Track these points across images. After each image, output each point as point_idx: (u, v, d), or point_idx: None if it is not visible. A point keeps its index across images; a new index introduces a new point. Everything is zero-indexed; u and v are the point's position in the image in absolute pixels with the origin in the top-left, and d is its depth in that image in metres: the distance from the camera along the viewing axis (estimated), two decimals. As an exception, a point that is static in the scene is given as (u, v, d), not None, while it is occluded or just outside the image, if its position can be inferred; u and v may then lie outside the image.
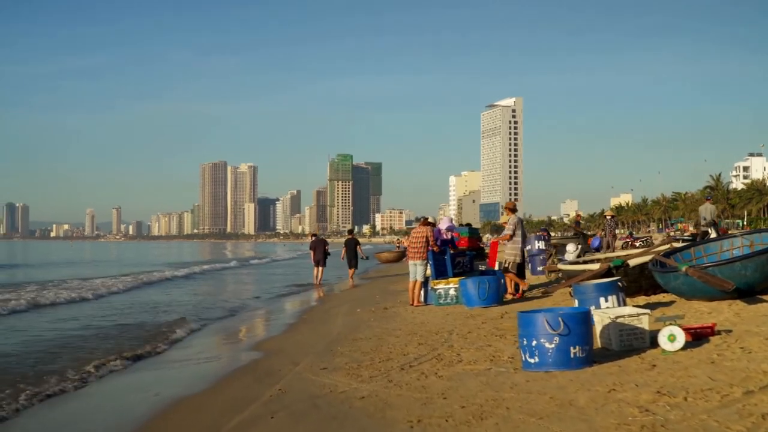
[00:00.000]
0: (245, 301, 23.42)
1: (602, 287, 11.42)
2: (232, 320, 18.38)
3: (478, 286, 15.40)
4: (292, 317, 18.40)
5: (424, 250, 17.05)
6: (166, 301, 23.54)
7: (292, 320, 17.52)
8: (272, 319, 18.47)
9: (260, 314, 19.86)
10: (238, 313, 19.92)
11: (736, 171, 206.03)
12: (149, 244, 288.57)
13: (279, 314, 19.52)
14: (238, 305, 21.89)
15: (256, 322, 18.31)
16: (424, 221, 17.55)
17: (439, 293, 16.69)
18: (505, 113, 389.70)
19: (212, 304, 22.25)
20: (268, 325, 17.49)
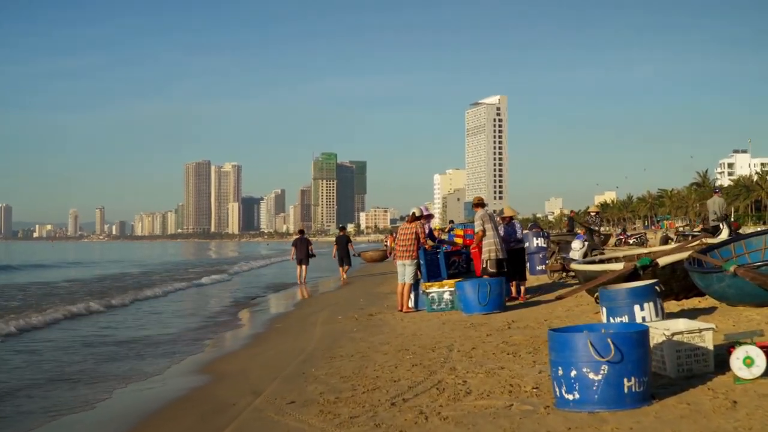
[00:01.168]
0: (214, 306, 21.17)
1: (637, 293, 9.31)
2: (190, 331, 16.11)
3: (478, 289, 13.29)
4: (262, 325, 16.20)
5: (413, 248, 15.01)
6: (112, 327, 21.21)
7: (261, 329, 15.33)
8: (238, 328, 16.25)
9: (225, 321, 17.56)
10: (201, 319, 17.67)
11: (720, 168, 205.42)
12: (132, 245, 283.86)
13: (248, 321, 17.25)
14: (205, 311, 19.62)
15: (218, 332, 15.87)
16: (412, 216, 15.48)
17: (432, 298, 14.57)
18: (489, 111, 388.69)
19: (175, 313, 19.98)
20: (232, 336, 15.12)
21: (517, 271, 15.78)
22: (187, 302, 23.38)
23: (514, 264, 15.66)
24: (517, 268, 15.80)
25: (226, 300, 23.12)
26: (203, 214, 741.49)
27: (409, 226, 15.20)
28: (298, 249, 28.57)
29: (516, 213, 16.54)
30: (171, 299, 24.38)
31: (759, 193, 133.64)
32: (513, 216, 16.35)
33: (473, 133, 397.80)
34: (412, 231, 15.06)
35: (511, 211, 16.45)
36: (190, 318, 18.16)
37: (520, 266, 15.93)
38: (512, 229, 15.97)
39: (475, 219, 15.00)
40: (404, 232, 15.25)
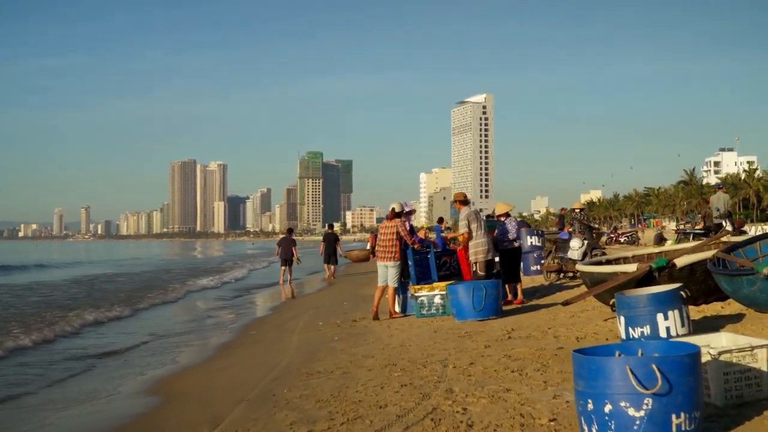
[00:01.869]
0: (185, 311, 19.83)
1: (661, 299, 8.04)
2: (154, 340, 14.78)
3: (472, 293, 12.02)
4: (233, 333, 14.87)
5: (396, 248, 13.72)
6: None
7: (231, 337, 14.00)
8: (206, 335, 14.91)
9: (193, 328, 16.26)
10: (169, 325, 16.32)
11: (707, 166, 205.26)
12: (117, 244, 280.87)
13: (218, 327, 15.88)
14: (176, 316, 18.29)
15: (181, 340, 14.51)
16: (392, 213, 14.14)
17: (422, 302, 13.31)
18: (475, 110, 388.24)
19: (140, 318, 18.63)
20: (199, 347, 13.59)
21: (511, 273, 14.65)
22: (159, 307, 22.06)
23: (508, 265, 14.48)
24: (511, 269, 14.64)
25: (202, 303, 21.77)
26: (189, 213, 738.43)
27: (390, 224, 13.88)
28: (283, 249, 27.86)
29: (512, 207, 15.27)
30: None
31: (747, 191, 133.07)
32: (509, 212, 15.12)
33: (459, 132, 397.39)
34: (392, 230, 13.77)
35: (506, 206, 15.18)
36: (156, 324, 16.77)
37: (514, 268, 14.72)
38: (505, 227, 14.72)
39: (460, 219, 13.83)
40: (385, 231, 13.90)
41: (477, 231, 13.75)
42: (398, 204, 14.19)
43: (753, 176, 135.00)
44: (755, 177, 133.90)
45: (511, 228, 14.83)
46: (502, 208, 15.06)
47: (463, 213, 13.84)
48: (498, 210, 15.14)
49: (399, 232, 13.66)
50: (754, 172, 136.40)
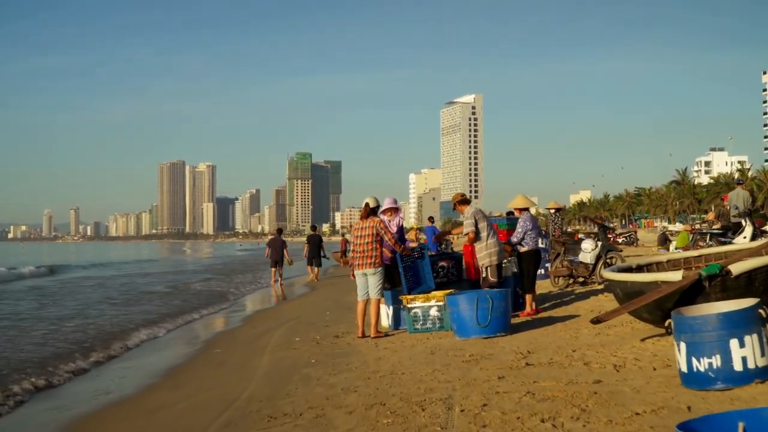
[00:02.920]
0: (150, 313, 17.68)
1: (735, 321, 6.09)
2: (92, 350, 12.68)
3: (477, 305, 10.06)
4: (192, 348, 12.76)
5: (376, 252, 11.48)
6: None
7: (189, 356, 11.81)
8: (159, 351, 12.77)
9: (148, 340, 14.13)
10: (118, 332, 14.21)
11: (697, 166, 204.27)
12: (107, 245, 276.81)
13: (176, 341, 13.75)
14: (127, 321, 16.14)
15: (130, 357, 12.35)
16: (366, 210, 11.77)
17: (415, 314, 11.33)
18: (464, 110, 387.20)
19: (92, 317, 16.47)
20: (145, 368, 11.26)
21: (529, 278, 12.84)
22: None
23: (527, 270, 12.75)
24: (530, 274, 12.86)
25: (171, 305, 19.67)
26: (178, 214, 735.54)
27: (365, 224, 11.57)
28: (273, 249, 27.17)
29: (531, 203, 13.42)
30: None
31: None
32: (528, 207, 13.28)
33: (448, 132, 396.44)
34: (369, 231, 11.52)
35: (525, 201, 13.33)
36: (103, 327, 14.63)
37: (533, 273, 12.93)
38: (531, 224, 12.99)
39: (465, 218, 11.91)
40: (360, 233, 11.56)
41: (486, 231, 11.88)
42: (372, 198, 11.92)
43: (746, 175, 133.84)
44: (748, 176, 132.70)
45: (520, 226, 12.97)
46: (523, 202, 13.21)
47: (468, 211, 11.98)
48: (513, 203, 13.27)
49: (378, 233, 11.46)
50: (748, 171, 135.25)
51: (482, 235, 11.84)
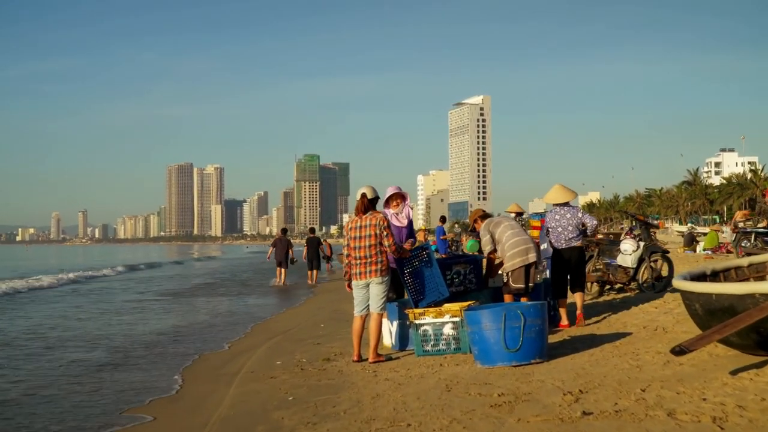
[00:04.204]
0: (124, 325, 15.35)
1: None
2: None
3: (504, 322, 7.77)
4: (147, 374, 10.04)
5: (380, 256, 8.98)
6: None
7: (140, 386, 9.03)
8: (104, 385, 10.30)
9: (101, 365, 11.68)
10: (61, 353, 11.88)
11: (707, 167, 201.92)
12: (115, 248, 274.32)
13: (138, 360, 11.24)
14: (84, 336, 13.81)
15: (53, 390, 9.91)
16: (363, 203, 9.14)
17: (425, 332, 9.04)
18: (473, 111, 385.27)
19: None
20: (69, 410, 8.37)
21: (574, 282, 10.98)
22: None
23: (570, 273, 10.95)
24: (573, 277, 11.01)
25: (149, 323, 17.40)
26: (186, 216, 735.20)
27: (366, 221, 9.01)
28: (277, 249, 27.41)
29: (570, 194, 11.25)
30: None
31: (753, 190, 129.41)
32: (569, 202, 11.25)
33: (456, 134, 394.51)
34: (371, 230, 8.98)
35: (565, 192, 11.25)
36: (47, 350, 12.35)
37: (578, 274, 11.03)
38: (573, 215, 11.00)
39: (481, 236, 10.10)
40: (359, 233, 9.01)
41: (507, 231, 9.81)
42: (368, 188, 9.22)
43: (759, 176, 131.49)
44: (761, 177, 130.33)
45: (575, 215, 11.06)
46: (558, 195, 11.09)
47: (482, 230, 10.16)
48: (550, 197, 11.14)
49: (380, 232, 8.92)
50: (761, 172, 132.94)
51: (499, 238, 9.87)
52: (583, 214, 11.11)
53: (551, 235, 11.00)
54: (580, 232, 11.03)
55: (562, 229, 10.91)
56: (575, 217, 10.97)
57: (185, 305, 20.50)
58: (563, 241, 10.92)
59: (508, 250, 9.71)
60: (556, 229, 10.96)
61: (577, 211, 11.07)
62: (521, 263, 9.68)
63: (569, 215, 10.96)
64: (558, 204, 11.11)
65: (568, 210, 11.03)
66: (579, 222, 10.98)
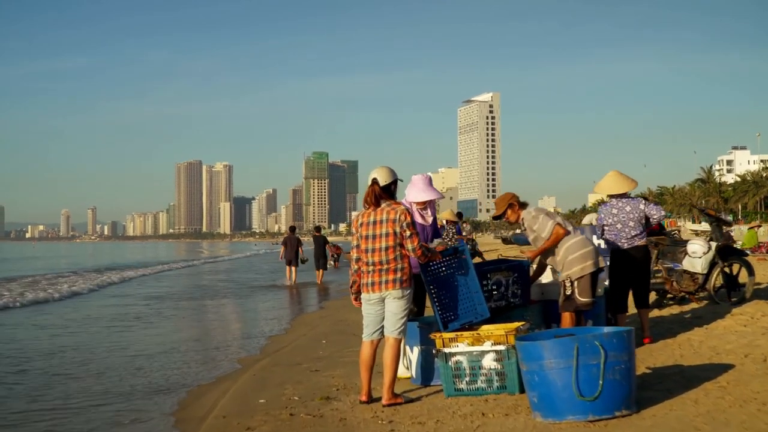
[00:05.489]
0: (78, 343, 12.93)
1: None
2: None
3: (576, 358, 5.43)
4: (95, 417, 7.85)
5: (400, 262, 6.65)
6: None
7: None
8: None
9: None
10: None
11: (719, 165, 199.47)
12: (124, 245, 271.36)
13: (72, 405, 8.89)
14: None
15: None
16: (374, 191, 6.79)
17: (458, 365, 6.68)
18: (482, 109, 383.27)
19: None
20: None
21: (638, 294, 8.88)
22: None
23: (632, 280, 8.81)
24: (637, 288, 8.90)
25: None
26: (195, 213, 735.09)
27: (381, 215, 6.68)
28: (287, 249, 26.57)
29: (627, 184, 9.01)
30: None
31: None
32: (627, 193, 9.09)
33: (466, 131, 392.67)
34: (388, 226, 6.61)
35: (622, 180, 9.02)
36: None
37: (642, 282, 8.92)
38: (634, 207, 8.93)
39: (527, 221, 7.63)
40: (370, 231, 6.68)
41: (567, 227, 7.64)
42: (383, 171, 6.87)
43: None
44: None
45: (603, 214, 9.04)
46: (615, 183, 8.83)
47: (530, 214, 7.69)
48: (605, 187, 8.86)
49: (401, 230, 6.58)
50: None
51: (574, 238, 7.61)
52: (647, 205, 8.96)
53: (608, 233, 8.80)
54: (643, 228, 8.84)
55: (622, 225, 8.78)
56: (636, 209, 8.85)
57: (180, 312, 18.08)
58: (624, 240, 8.77)
59: (573, 250, 7.37)
60: (615, 225, 8.81)
61: (638, 202, 8.97)
62: (591, 268, 7.37)
63: (629, 208, 8.85)
64: (614, 195, 8.93)
65: (627, 202, 8.91)
66: (642, 215, 8.82)
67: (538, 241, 7.59)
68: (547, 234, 7.44)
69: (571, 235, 7.47)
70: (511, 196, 7.77)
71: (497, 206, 7.80)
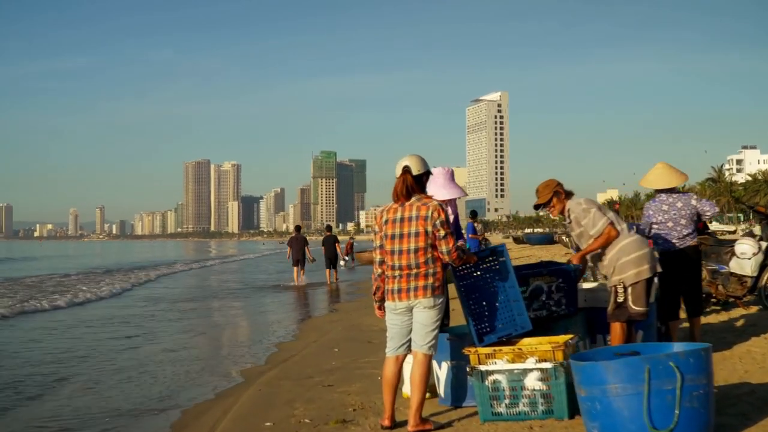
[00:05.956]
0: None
1: None
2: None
3: (647, 383, 4.48)
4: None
5: (433, 266, 5.64)
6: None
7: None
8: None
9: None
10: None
11: (729, 164, 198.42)
12: (132, 244, 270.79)
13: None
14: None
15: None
16: (406, 182, 5.81)
17: (496, 384, 5.75)
18: (490, 108, 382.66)
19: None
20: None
21: (691, 301, 7.98)
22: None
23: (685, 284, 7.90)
24: (690, 294, 8.00)
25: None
26: (203, 213, 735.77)
27: (409, 213, 5.69)
28: (293, 249, 26.09)
29: (685, 178, 8.14)
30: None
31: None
32: (676, 187, 8.16)
33: (474, 131, 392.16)
34: (418, 223, 5.64)
35: (674, 174, 8.11)
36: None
37: (694, 286, 8.04)
38: (685, 203, 8.04)
39: (583, 210, 6.57)
40: (397, 229, 5.70)
41: (621, 223, 6.64)
42: (414, 159, 5.99)
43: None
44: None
45: (651, 211, 8.12)
46: (664, 177, 7.95)
47: (578, 205, 6.62)
48: (653, 180, 7.98)
49: (434, 229, 5.61)
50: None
51: (629, 237, 6.60)
52: (699, 200, 8.02)
53: (659, 231, 7.86)
54: (695, 226, 7.93)
55: (674, 224, 7.84)
56: (688, 205, 7.92)
57: (179, 315, 17.16)
58: (676, 240, 7.82)
59: (628, 251, 6.40)
60: (665, 224, 7.86)
61: (689, 197, 8.04)
62: (648, 273, 6.41)
63: (680, 204, 7.92)
64: (663, 190, 7.96)
65: (679, 197, 7.99)
66: (694, 212, 7.90)
67: (583, 238, 6.61)
68: (596, 232, 6.45)
69: (625, 234, 6.50)
70: (556, 183, 6.77)
71: (540, 194, 6.76)
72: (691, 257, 7.82)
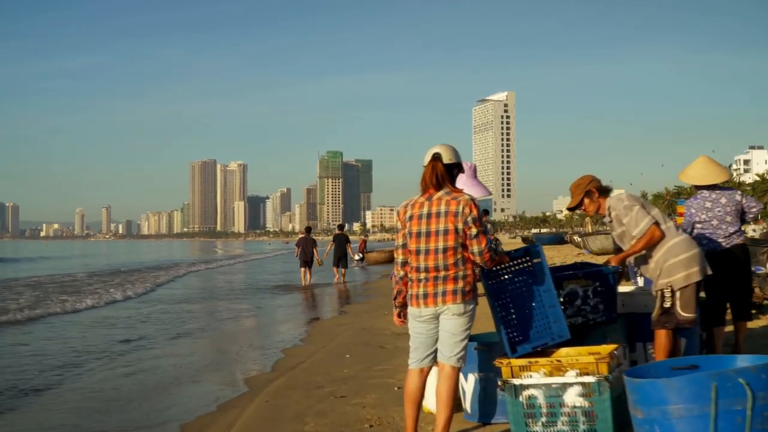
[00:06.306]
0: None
1: None
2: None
3: (715, 402, 3.87)
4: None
5: (463, 269, 4.98)
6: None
7: None
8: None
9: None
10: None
11: (736, 164, 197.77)
12: (139, 244, 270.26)
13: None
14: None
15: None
16: (436, 172, 5.07)
17: (532, 400, 5.13)
18: (497, 108, 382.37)
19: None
20: None
21: (739, 304, 7.43)
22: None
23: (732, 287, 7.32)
24: (738, 296, 7.41)
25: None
26: (209, 213, 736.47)
27: (437, 209, 4.99)
28: (302, 249, 25.51)
29: (728, 173, 7.62)
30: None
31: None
32: (719, 183, 7.60)
33: (480, 130, 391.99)
34: (447, 220, 4.95)
35: (717, 169, 7.54)
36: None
37: (743, 289, 7.48)
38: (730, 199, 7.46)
39: (625, 207, 5.95)
40: (424, 225, 5.00)
41: (668, 222, 6.03)
42: (446, 148, 5.16)
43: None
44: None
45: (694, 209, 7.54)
46: (707, 172, 7.35)
47: (619, 202, 6.02)
48: (695, 176, 7.50)
49: (465, 226, 4.94)
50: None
51: (677, 236, 5.96)
52: (743, 195, 7.46)
53: (703, 230, 7.25)
54: (741, 224, 7.39)
55: (719, 222, 7.27)
56: (733, 201, 7.35)
57: (187, 320, 16.58)
58: (722, 238, 7.25)
59: (677, 252, 5.79)
60: (710, 222, 7.27)
61: (734, 193, 7.44)
62: (698, 276, 5.81)
63: (725, 200, 7.35)
64: (704, 186, 7.35)
65: (722, 193, 7.41)
66: (739, 208, 7.34)
67: (625, 238, 6.00)
68: (639, 233, 5.81)
69: (672, 233, 5.88)
70: (589, 180, 6.11)
71: (573, 194, 6.16)
72: (738, 257, 7.22)
